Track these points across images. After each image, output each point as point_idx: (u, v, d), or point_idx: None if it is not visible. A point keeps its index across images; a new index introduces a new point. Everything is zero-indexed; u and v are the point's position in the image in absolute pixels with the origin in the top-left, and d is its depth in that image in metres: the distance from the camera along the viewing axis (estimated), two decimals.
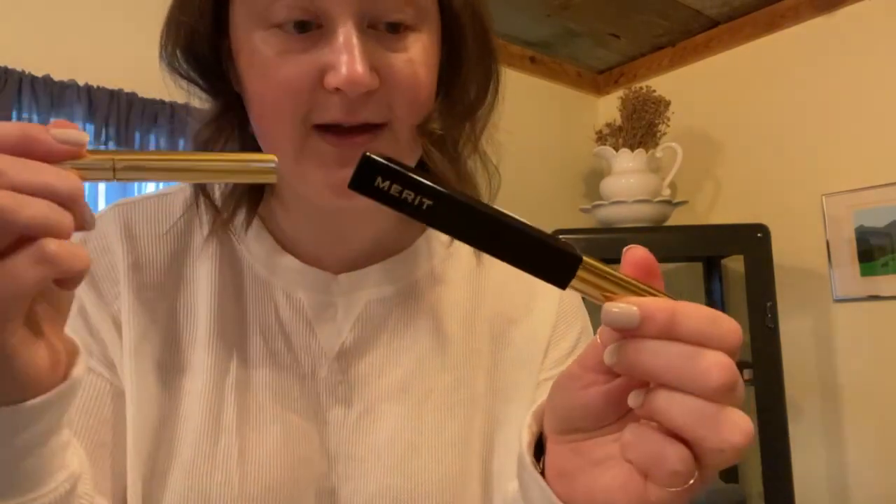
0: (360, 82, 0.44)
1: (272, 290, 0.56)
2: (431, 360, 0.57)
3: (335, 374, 0.55)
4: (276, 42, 0.46)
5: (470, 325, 0.59)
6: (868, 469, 1.98)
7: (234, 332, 0.55)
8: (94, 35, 1.65)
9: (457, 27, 0.50)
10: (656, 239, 2.10)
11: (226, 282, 0.56)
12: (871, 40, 2.04)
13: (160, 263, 0.55)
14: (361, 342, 0.56)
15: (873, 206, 2.00)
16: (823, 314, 2.09)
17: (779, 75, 2.24)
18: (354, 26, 0.45)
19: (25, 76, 1.47)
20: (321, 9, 0.45)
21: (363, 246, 0.57)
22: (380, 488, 0.53)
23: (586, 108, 2.76)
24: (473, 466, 0.56)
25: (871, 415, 1.98)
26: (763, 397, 1.89)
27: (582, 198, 2.64)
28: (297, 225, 0.56)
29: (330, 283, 0.56)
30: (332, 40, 0.45)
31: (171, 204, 0.57)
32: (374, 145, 0.47)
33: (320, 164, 0.48)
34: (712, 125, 2.40)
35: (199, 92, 0.53)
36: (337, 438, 0.54)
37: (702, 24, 2.39)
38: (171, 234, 0.56)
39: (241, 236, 0.56)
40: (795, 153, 2.18)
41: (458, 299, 0.60)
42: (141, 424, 0.52)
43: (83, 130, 0.34)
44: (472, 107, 0.53)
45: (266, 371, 0.54)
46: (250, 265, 0.56)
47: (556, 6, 2.23)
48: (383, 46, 0.47)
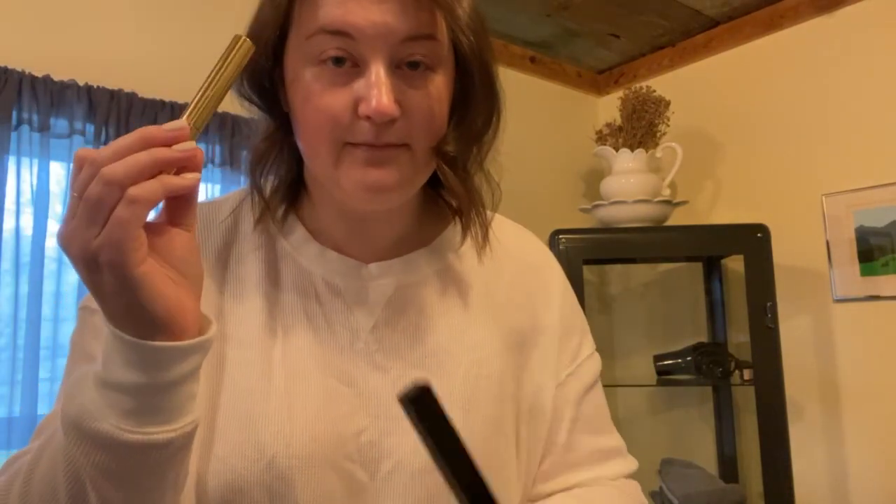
0: (385, 112, 0.55)
1: (313, 277, 0.66)
2: (457, 337, 0.67)
3: (371, 344, 0.64)
4: (321, 77, 0.57)
5: (489, 310, 0.69)
6: (868, 469, 1.98)
7: (278, 310, 0.64)
8: (94, 35, 1.65)
9: (467, 71, 0.62)
10: (656, 239, 2.10)
11: (270, 268, 0.66)
12: (871, 40, 2.04)
13: (213, 251, 0.66)
14: (393, 319, 0.66)
15: (873, 206, 2.00)
16: (823, 314, 2.09)
17: (779, 75, 2.24)
18: (383, 67, 0.56)
19: (25, 76, 1.47)
20: (358, 52, 0.57)
21: (387, 243, 0.67)
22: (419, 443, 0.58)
23: (586, 108, 2.76)
24: (500, 427, 0.65)
25: (871, 415, 1.98)
26: (763, 397, 1.89)
27: (582, 198, 2.64)
28: (329, 224, 0.67)
29: (362, 270, 0.66)
30: (367, 78, 0.56)
31: (221, 205, 0.70)
32: (395, 159, 0.59)
33: (354, 166, 0.58)
34: (712, 125, 2.40)
35: (257, 111, 0.65)
36: (376, 400, 0.63)
37: (702, 24, 2.39)
38: (223, 226, 0.68)
39: (283, 231, 0.67)
40: (795, 153, 2.18)
41: (475, 287, 0.70)
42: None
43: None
44: (479, 133, 0.64)
45: (309, 344, 0.63)
46: (292, 256, 0.67)
47: (556, 6, 2.23)
48: (405, 83, 0.58)
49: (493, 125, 0.65)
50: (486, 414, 0.64)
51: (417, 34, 0.57)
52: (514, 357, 0.69)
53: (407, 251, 0.68)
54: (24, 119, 1.48)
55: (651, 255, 2.26)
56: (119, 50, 1.67)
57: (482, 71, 0.62)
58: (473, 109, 0.63)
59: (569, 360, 0.72)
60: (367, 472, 0.61)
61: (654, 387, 2.36)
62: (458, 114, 0.63)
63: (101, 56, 1.63)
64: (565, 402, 0.70)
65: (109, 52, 1.65)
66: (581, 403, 0.72)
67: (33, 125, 1.49)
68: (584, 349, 0.74)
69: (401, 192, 0.61)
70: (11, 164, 1.48)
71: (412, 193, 0.64)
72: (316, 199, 0.67)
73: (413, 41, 0.57)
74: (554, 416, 0.70)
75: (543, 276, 0.75)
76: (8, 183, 1.47)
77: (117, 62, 1.65)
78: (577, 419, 0.71)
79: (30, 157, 1.51)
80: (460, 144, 0.63)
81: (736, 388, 2.20)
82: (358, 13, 0.55)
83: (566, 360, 0.72)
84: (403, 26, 0.56)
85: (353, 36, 0.56)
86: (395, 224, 0.67)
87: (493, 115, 0.65)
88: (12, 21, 1.54)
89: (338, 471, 0.60)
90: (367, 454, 0.61)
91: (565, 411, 0.70)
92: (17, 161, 1.49)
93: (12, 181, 1.48)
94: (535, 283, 0.74)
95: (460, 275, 0.70)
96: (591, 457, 0.71)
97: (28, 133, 1.49)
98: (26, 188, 1.50)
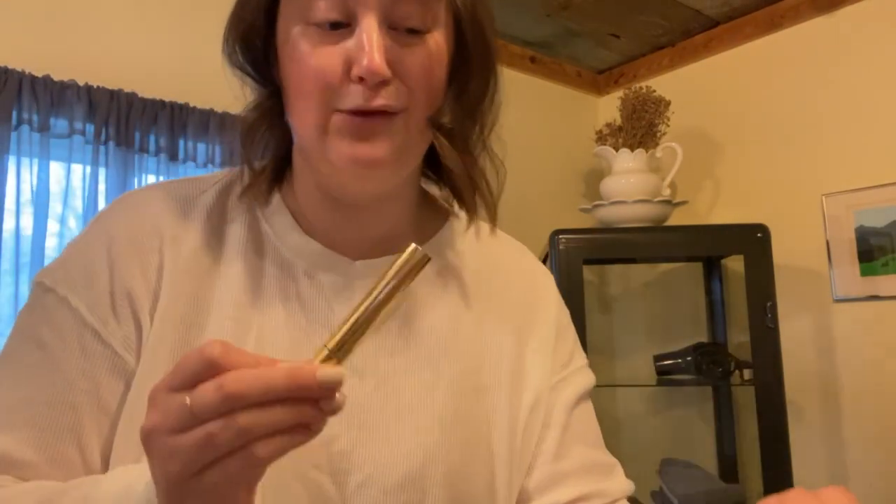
0: (377, 72, 0.52)
1: (295, 270, 0.62)
2: (443, 348, 0.63)
3: None
4: (311, 36, 0.55)
5: (479, 320, 0.66)
6: (868, 469, 1.98)
7: (256, 303, 0.60)
8: (94, 35, 1.65)
9: (464, 39, 0.59)
10: (656, 239, 2.10)
11: (251, 258, 0.62)
12: (871, 40, 2.04)
13: (195, 237, 0.61)
14: None
15: (873, 206, 2.00)
16: (823, 314, 2.09)
17: (779, 75, 2.24)
18: (376, 25, 0.53)
19: (25, 76, 1.47)
20: (351, 10, 0.54)
21: (378, 235, 0.63)
22: (393, 457, 0.57)
23: (586, 108, 2.76)
24: (481, 445, 0.61)
25: (871, 415, 1.98)
26: (763, 397, 1.89)
27: (582, 198, 2.64)
28: (315, 211, 0.63)
29: (348, 267, 0.62)
30: (356, 35, 0.53)
31: (203, 184, 0.65)
32: (387, 129, 0.55)
33: (342, 137, 0.55)
34: (712, 125, 2.40)
35: (250, 81, 0.61)
36: (349, 408, 0.56)
37: (702, 24, 2.39)
38: (205, 210, 0.63)
39: (266, 215, 0.63)
40: (795, 153, 2.18)
41: (468, 293, 0.67)
42: (154, 374, 0.55)
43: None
44: (476, 104, 0.60)
45: (284, 340, 0.59)
46: (275, 246, 0.62)
47: (556, 6, 2.23)
48: (400, 44, 0.55)
49: (490, 96, 0.61)
50: (466, 433, 0.60)
51: None
52: (510, 364, 0.66)
53: (399, 250, 0.65)
54: (24, 119, 1.48)
55: (651, 255, 2.26)
56: (119, 50, 1.67)
57: (479, 37, 0.59)
58: (471, 81, 0.59)
59: (561, 365, 0.69)
60: (336, 483, 0.56)
61: (654, 387, 2.36)
62: (455, 85, 0.59)
63: (101, 56, 1.63)
64: (556, 407, 0.67)
65: (109, 52, 1.65)
66: (573, 411, 0.68)
67: (33, 125, 1.49)
68: (577, 359, 0.71)
69: (394, 169, 0.57)
70: (11, 164, 1.48)
71: (406, 172, 0.60)
72: (304, 182, 0.63)
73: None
74: (544, 422, 0.66)
75: (539, 282, 0.73)
76: (8, 183, 1.47)
77: (117, 62, 1.65)
78: (569, 427, 0.67)
79: (30, 157, 1.51)
80: (458, 114, 0.59)
81: (736, 388, 2.20)
82: None
83: (559, 365, 0.69)
84: None
85: None
86: (387, 215, 0.63)
87: (489, 85, 0.61)
88: (12, 21, 1.54)
89: (303, 480, 0.55)
90: (337, 464, 0.56)
91: (556, 416, 0.66)
92: (17, 161, 1.49)
93: (12, 181, 1.48)
94: (532, 290, 0.71)
95: (457, 276, 0.67)
96: (585, 469, 0.66)
97: (28, 133, 1.49)
98: (26, 188, 1.50)
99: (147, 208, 0.62)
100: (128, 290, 0.58)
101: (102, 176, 1.56)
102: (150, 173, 1.63)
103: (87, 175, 1.56)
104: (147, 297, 0.58)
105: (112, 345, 0.57)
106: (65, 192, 1.57)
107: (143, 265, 0.59)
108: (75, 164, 1.57)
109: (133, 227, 0.60)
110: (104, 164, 1.56)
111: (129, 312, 0.57)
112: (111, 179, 1.57)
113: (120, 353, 0.57)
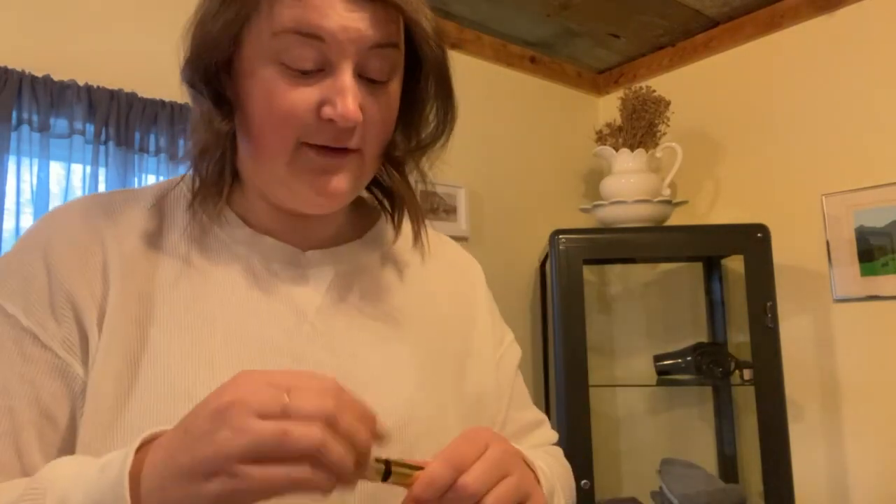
0: (351, 118, 0.57)
1: (251, 262, 0.65)
2: (404, 322, 0.69)
3: (316, 326, 0.63)
4: (286, 77, 0.57)
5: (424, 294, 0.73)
6: (868, 469, 1.98)
7: (213, 294, 0.61)
8: (93, 35, 1.65)
9: (423, 78, 0.64)
10: (656, 239, 2.10)
11: (198, 251, 0.64)
12: (871, 40, 2.04)
13: (137, 235, 0.63)
14: (335, 303, 0.66)
15: (873, 206, 2.00)
16: (823, 314, 2.09)
17: (779, 75, 2.24)
18: (351, 72, 0.57)
19: (25, 76, 1.47)
20: (328, 59, 0.57)
21: (324, 236, 0.69)
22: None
23: (586, 108, 2.76)
24: (448, 403, 0.67)
25: (871, 415, 1.98)
26: (763, 397, 1.89)
27: (582, 198, 2.64)
28: (263, 217, 0.66)
29: (300, 257, 0.67)
30: (334, 81, 0.57)
31: (143, 196, 0.66)
32: (348, 164, 0.60)
33: (309, 171, 0.60)
34: (712, 125, 2.40)
35: (199, 97, 0.61)
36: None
37: (702, 24, 2.39)
38: (144, 210, 0.65)
39: (216, 219, 0.65)
40: (795, 153, 2.18)
41: (411, 274, 0.74)
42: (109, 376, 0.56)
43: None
44: (429, 138, 0.66)
45: (251, 327, 0.61)
46: (226, 243, 0.65)
47: (556, 6, 2.23)
48: (365, 92, 0.59)
49: (447, 131, 0.67)
50: (439, 396, 0.66)
51: (385, 42, 0.58)
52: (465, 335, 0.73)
53: (343, 242, 0.70)
54: (24, 119, 1.48)
55: (651, 255, 2.26)
56: (119, 50, 1.67)
57: (442, 80, 0.64)
58: (425, 116, 0.66)
59: (499, 341, 0.77)
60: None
61: (654, 387, 2.36)
62: (405, 118, 0.65)
63: (101, 56, 1.63)
64: (504, 382, 0.75)
65: (109, 52, 1.65)
66: (514, 383, 0.77)
67: (33, 125, 1.49)
68: (507, 334, 0.80)
69: (349, 197, 0.63)
70: (11, 164, 1.48)
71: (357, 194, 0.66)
72: (252, 191, 0.66)
73: (380, 48, 0.58)
74: (496, 395, 0.73)
75: (464, 264, 0.81)
76: (8, 183, 1.47)
77: (117, 62, 1.65)
78: (512, 398, 0.76)
79: (30, 157, 1.51)
80: (406, 149, 0.66)
81: (736, 387, 2.20)
82: (333, 18, 0.56)
83: (497, 341, 0.77)
84: (374, 34, 0.57)
85: (324, 40, 0.56)
86: (333, 221, 0.69)
87: (447, 121, 0.66)
88: (12, 21, 1.54)
89: None
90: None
91: (504, 390, 0.75)
92: (17, 161, 1.49)
93: (12, 181, 1.48)
94: (464, 273, 0.80)
95: (398, 261, 0.73)
96: (522, 429, 0.77)
97: (28, 133, 1.49)
98: (26, 188, 1.50)
99: (81, 213, 0.63)
100: (68, 291, 0.58)
101: (102, 176, 1.56)
102: (149, 173, 1.63)
103: (87, 175, 1.56)
104: (91, 297, 0.58)
105: (52, 348, 0.57)
106: (65, 192, 1.57)
107: (84, 266, 0.59)
108: (75, 163, 1.57)
109: (69, 230, 0.61)
110: (104, 164, 1.56)
111: (71, 315, 0.57)
112: (111, 179, 1.57)
113: (61, 355, 0.57)
